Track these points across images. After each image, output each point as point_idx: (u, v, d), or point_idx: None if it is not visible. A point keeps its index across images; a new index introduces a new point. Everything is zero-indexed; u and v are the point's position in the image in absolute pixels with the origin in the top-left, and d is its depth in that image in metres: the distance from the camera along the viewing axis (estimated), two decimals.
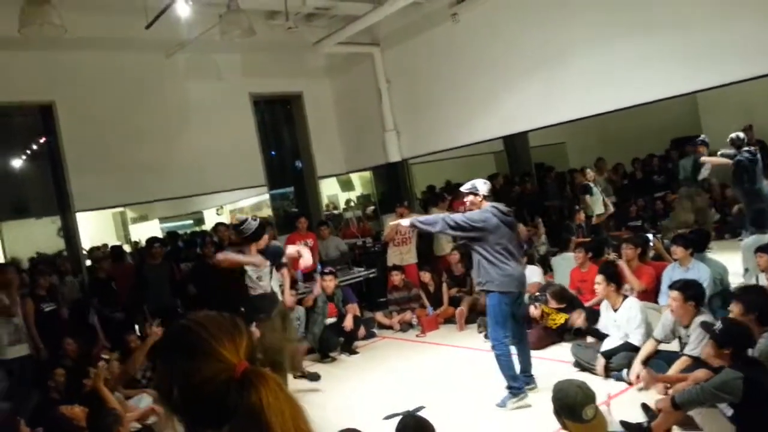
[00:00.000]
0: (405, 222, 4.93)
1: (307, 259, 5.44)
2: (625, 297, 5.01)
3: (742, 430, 3.22)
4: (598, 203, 8.56)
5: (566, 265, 6.90)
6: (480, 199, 4.66)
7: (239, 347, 1.08)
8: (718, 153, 7.46)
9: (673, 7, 6.31)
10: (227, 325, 1.11)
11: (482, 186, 4.71)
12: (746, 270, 5.98)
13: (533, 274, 6.62)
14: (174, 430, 1.11)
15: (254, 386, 1.02)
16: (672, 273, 5.52)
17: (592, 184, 8.58)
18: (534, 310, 5.95)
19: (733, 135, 7.23)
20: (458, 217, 4.62)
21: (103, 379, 4.50)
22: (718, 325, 3.52)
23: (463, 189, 4.87)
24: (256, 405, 1.00)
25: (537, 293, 6.09)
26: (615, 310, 4.96)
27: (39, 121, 8.40)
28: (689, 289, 4.29)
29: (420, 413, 3.35)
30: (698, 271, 5.30)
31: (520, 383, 4.56)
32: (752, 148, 7.07)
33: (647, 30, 6.55)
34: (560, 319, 5.88)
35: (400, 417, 3.03)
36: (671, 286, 4.46)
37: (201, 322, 1.11)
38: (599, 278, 5.01)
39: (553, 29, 7.42)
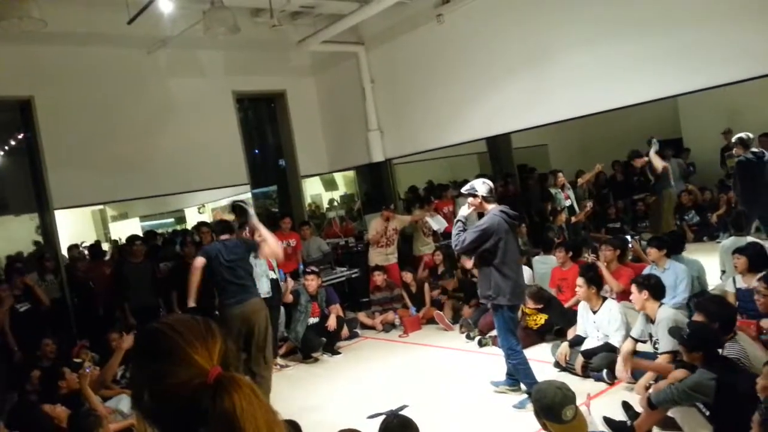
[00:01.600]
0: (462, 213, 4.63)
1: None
2: (605, 299, 5.07)
3: (719, 430, 3.27)
4: (570, 207, 8.73)
5: (546, 268, 6.97)
6: (479, 200, 4.46)
7: (212, 352, 1.06)
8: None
9: (657, 9, 6.38)
10: (201, 329, 1.10)
11: (481, 186, 4.48)
12: (723, 272, 6.08)
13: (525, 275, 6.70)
14: None
15: (227, 392, 1.00)
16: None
17: (553, 191, 8.74)
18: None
19: (742, 135, 7.17)
20: (470, 234, 4.37)
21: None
22: (686, 330, 3.60)
23: (463, 190, 4.71)
24: (229, 410, 0.99)
25: None
26: (594, 312, 5.02)
27: (17, 116, 8.26)
28: (640, 280, 4.45)
29: (403, 412, 3.35)
30: (675, 272, 5.38)
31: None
32: (758, 149, 7.04)
33: (631, 32, 6.62)
34: (540, 319, 5.93)
35: (384, 416, 3.03)
36: (632, 281, 4.60)
37: (174, 325, 1.09)
38: (580, 281, 5.06)
39: (537, 31, 7.47)
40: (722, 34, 5.90)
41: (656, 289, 4.39)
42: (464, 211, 4.57)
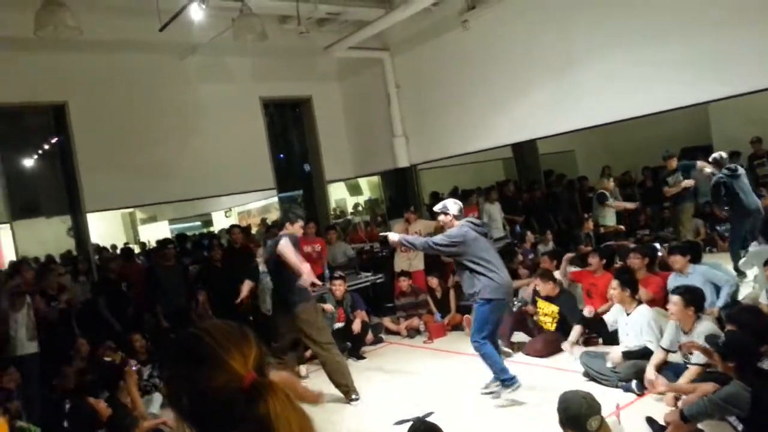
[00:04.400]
0: (394, 237, 5.15)
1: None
2: (639, 302, 5.01)
3: None
4: (611, 213, 8.55)
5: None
6: (450, 219, 4.98)
7: (247, 358, 1.08)
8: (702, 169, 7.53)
9: (684, 17, 6.32)
10: (236, 335, 1.12)
11: (452, 206, 5.02)
12: (740, 272, 6.05)
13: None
14: None
15: (262, 397, 1.02)
16: (675, 281, 5.56)
17: (608, 194, 8.58)
18: (529, 308, 6.19)
19: (715, 155, 7.43)
20: (438, 237, 4.96)
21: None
22: (723, 338, 3.52)
23: (435, 209, 5.19)
24: (264, 416, 1.01)
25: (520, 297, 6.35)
26: (627, 314, 4.96)
27: (51, 121, 8.48)
28: (688, 294, 4.32)
29: (429, 419, 3.36)
30: (701, 274, 5.43)
31: (509, 373, 4.73)
32: (733, 166, 7.19)
33: (658, 40, 6.56)
34: (551, 311, 5.96)
35: (411, 422, 3.04)
36: (672, 292, 4.51)
37: (210, 331, 1.12)
38: (614, 283, 5.02)
39: (564, 37, 7.43)
40: (752, 42, 5.83)
41: (701, 303, 4.34)
42: (394, 236, 5.13)
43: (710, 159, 7.46)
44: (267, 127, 10.04)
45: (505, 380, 4.72)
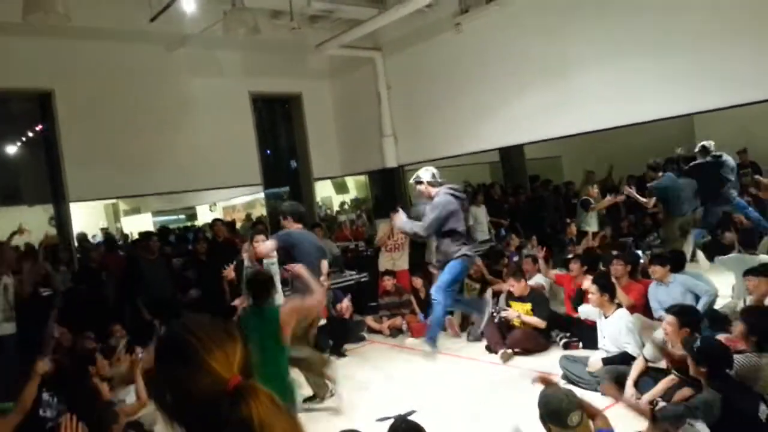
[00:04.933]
0: (401, 221, 5.13)
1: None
2: (618, 306, 5.05)
3: None
4: (594, 220, 8.64)
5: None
6: (425, 186, 4.97)
7: (232, 359, 1.08)
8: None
9: (676, 28, 6.39)
10: (221, 335, 1.11)
11: (424, 174, 5.02)
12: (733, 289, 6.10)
13: (539, 281, 6.72)
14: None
15: (245, 401, 1.02)
16: (656, 290, 5.62)
17: (592, 200, 8.66)
18: (510, 313, 6.16)
19: (704, 143, 7.77)
20: (427, 219, 4.90)
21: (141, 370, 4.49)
22: (697, 342, 3.53)
23: (411, 181, 5.24)
24: (247, 420, 1.01)
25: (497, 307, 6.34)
26: (606, 317, 5.01)
27: (37, 108, 8.36)
28: (685, 316, 4.25)
29: (410, 418, 3.36)
30: (681, 283, 5.48)
31: (436, 337, 5.11)
32: (718, 153, 7.59)
33: (647, 49, 6.63)
34: (525, 309, 6.07)
35: (392, 420, 3.05)
36: (668, 310, 4.44)
37: (194, 330, 1.10)
38: (593, 288, 5.05)
39: (555, 44, 7.49)
40: (739, 55, 5.91)
41: (697, 325, 4.30)
42: (401, 221, 5.13)
43: (698, 147, 7.74)
44: (255, 122, 9.99)
45: (431, 338, 5.03)
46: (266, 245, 5.34)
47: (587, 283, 5.28)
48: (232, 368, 1.07)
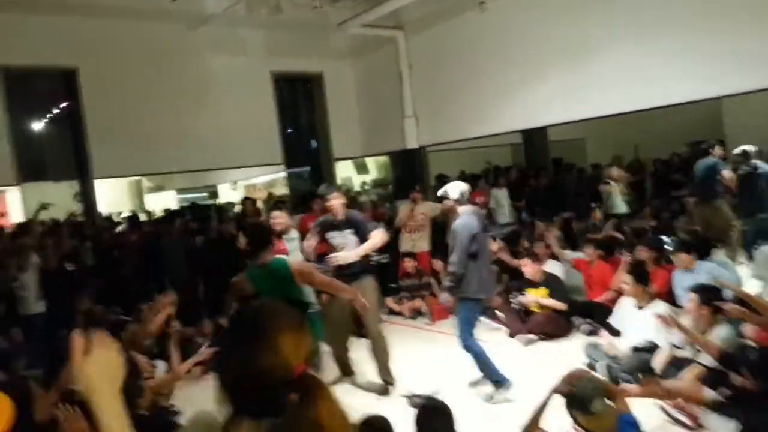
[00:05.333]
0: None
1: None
2: (653, 297, 4.98)
3: None
4: (620, 202, 8.53)
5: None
6: (452, 204, 4.66)
7: (300, 348, 1.08)
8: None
9: (702, 10, 6.24)
10: (295, 323, 1.12)
11: (453, 190, 4.68)
12: (761, 279, 5.96)
13: (555, 268, 6.65)
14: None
15: (311, 393, 1.03)
16: (681, 277, 5.52)
17: (614, 183, 8.54)
18: (525, 298, 6.16)
19: (746, 147, 7.13)
20: (458, 252, 4.51)
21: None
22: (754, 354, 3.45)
23: (438, 194, 4.91)
24: (311, 412, 1.01)
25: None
26: (640, 308, 4.93)
27: (62, 85, 8.44)
28: (705, 293, 4.25)
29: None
30: (707, 271, 5.31)
31: (500, 373, 4.59)
32: (754, 162, 6.98)
33: (674, 31, 6.49)
34: (542, 294, 6.06)
35: (417, 399, 3.06)
36: (691, 289, 4.43)
37: (272, 312, 1.11)
38: (628, 278, 4.97)
39: (579, 25, 7.35)
40: (766, 36, 5.74)
41: (718, 306, 4.27)
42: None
43: (739, 151, 7.18)
44: (277, 101, 9.98)
45: (498, 381, 4.57)
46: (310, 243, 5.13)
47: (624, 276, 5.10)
48: (300, 356, 1.07)
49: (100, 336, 1.08)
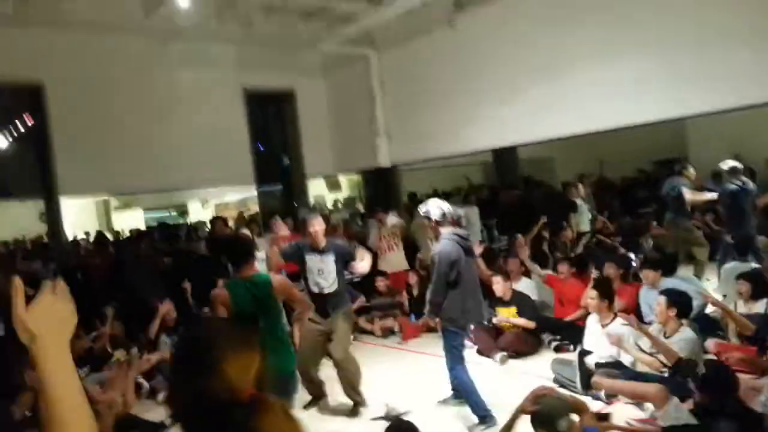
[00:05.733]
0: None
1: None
2: (615, 315, 5.04)
3: None
4: (585, 219, 8.64)
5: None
6: (433, 224, 4.50)
7: (248, 370, 1.07)
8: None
9: (668, 32, 6.40)
10: (241, 345, 1.10)
11: (434, 210, 4.49)
12: (724, 296, 6.09)
13: (525, 285, 6.70)
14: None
15: (259, 413, 1.01)
16: (646, 294, 5.63)
17: (579, 201, 8.66)
18: (499, 319, 6.14)
19: (733, 164, 7.07)
20: (434, 279, 4.41)
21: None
22: (701, 367, 3.53)
23: (420, 212, 4.72)
24: (257, 429, 1.00)
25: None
26: (603, 326, 4.98)
27: (27, 101, 8.27)
28: (672, 296, 4.42)
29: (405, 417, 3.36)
30: (669, 286, 5.39)
31: (485, 408, 4.39)
32: (742, 179, 7.07)
33: (641, 51, 6.65)
34: (511, 313, 6.07)
35: (386, 419, 3.04)
36: (660, 292, 4.59)
37: (215, 336, 1.10)
38: (593, 293, 5.03)
39: (549, 45, 7.49)
40: (732, 59, 5.93)
41: (684, 308, 4.43)
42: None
43: (726, 168, 7.09)
44: (248, 118, 9.93)
45: (483, 417, 4.36)
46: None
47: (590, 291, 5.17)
48: (248, 378, 1.05)
49: (52, 286, 1.02)
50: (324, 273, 4.81)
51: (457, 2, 8.50)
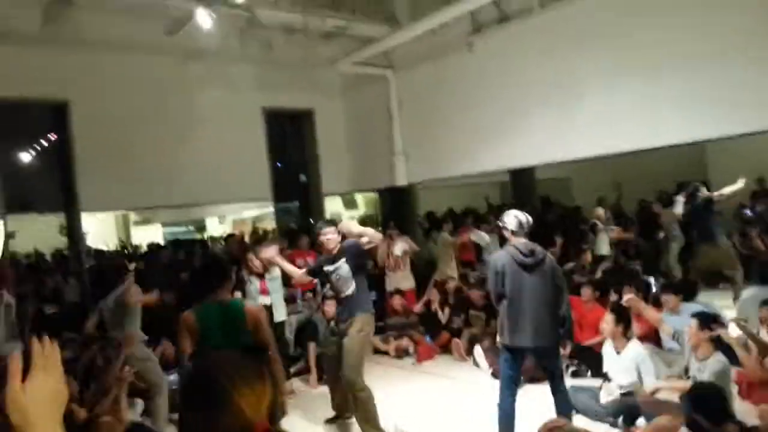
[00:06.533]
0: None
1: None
2: (629, 340, 4.97)
3: None
4: (604, 243, 8.57)
5: None
6: (509, 234, 4.35)
7: (261, 402, 1.07)
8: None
9: (689, 52, 6.36)
10: (254, 377, 1.10)
11: (510, 220, 4.35)
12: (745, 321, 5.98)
13: None
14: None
15: None
16: (667, 320, 5.53)
17: (598, 223, 8.60)
18: None
19: (697, 184, 7.50)
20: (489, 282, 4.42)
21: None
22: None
23: (499, 222, 4.60)
24: None
25: None
26: (618, 353, 4.91)
27: (52, 118, 8.44)
28: (705, 318, 4.35)
29: None
30: (690, 312, 5.33)
31: None
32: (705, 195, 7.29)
33: (661, 75, 6.60)
34: None
35: None
36: (692, 315, 4.52)
37: (226, 370, 1.10)
38: (609, 318, 4.95)
39: (567, 65, 7.48)
40: (753, 82, 5.87)
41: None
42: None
43: (690, 188, 7.70)
44: (267, 137, 10.03)
45: None
46: None
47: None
48: (261, 411, 1.05)
49: (42, 355, 0.98)
50: (341, 278, 4.81)
51: (476, 25, 8.55)
